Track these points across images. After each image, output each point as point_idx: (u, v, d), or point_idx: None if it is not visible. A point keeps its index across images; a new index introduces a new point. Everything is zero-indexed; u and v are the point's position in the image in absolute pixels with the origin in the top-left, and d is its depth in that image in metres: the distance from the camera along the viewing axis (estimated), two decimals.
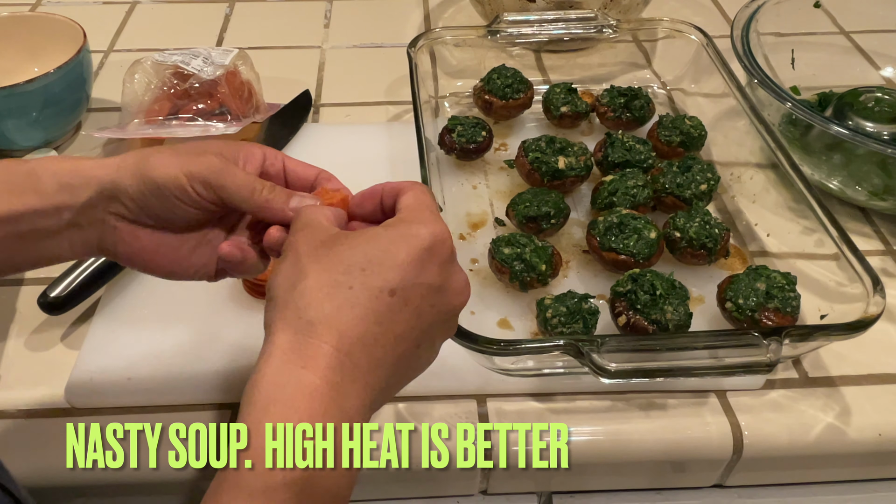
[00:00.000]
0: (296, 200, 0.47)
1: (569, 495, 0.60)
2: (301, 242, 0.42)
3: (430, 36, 0.82)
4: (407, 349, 0.40)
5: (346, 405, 0.37)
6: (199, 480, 0.55)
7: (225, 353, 0.59)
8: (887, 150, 0.66)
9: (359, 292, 0.39)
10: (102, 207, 0.45)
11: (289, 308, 0.39)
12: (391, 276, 0.39)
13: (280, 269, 0.41)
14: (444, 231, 0.42)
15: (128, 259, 0.48)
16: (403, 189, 0.45)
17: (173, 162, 0.45)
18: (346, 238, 0.41)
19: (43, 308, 0.61)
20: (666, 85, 0.89)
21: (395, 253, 0.40)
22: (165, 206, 0.45)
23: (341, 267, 0.39)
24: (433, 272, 0.40)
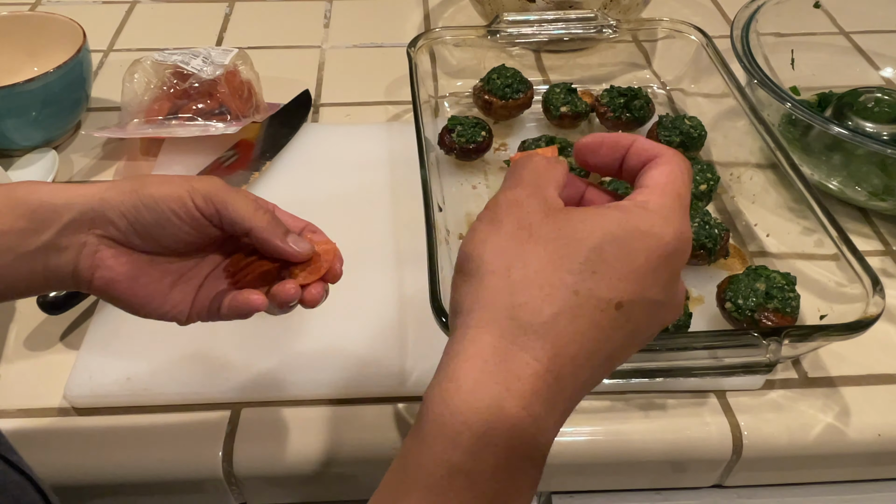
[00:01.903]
0: (292, 238, 0.46)
1: (568, 495, 0.60)
2: (530, 206, 0.35)
3: (430, 36, 0.82)
4: (612, 366, 0.35)
5: (542, 439, 0.33)
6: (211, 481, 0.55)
7: (225, 353, 0.59)
8: (887, 150, 0.66)
9: (584, 301, 0.33)
10: (86, 229, 0.44)
11: (499, 298, 0.33)
12: (623, 286, 0.33)
13: (491, 233, 0.35)
14: (689, 236, 0.35)
15: (103, 286, 0.45)
16: (658, 157, 0.37)
17: (174, 180, 0.45)
18: (578, 217, 0.34)
19: (42, 308, 0.61)
20: (666, 85, 0.89)
21: (634, 256, 0.33)
22: (159, 221, 0.44)
23: (571, 262, 0.33)
24: (662, 284, 0.34)
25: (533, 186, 0.36)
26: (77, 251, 0.44)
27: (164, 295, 0.47)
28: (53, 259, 0.44)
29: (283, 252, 0.46)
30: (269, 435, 0.55)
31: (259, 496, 0.57)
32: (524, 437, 0.32)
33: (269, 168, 0.77)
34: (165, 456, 0.54)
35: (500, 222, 0.35)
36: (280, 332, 0.61)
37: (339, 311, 0.62)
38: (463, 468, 0.31)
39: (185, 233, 0.45)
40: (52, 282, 0.45)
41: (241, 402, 0.57)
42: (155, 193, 0.44)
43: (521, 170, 0.38)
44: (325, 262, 0.47)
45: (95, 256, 0.44)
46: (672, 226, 0.34)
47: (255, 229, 0.45)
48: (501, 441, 0.31)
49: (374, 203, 0.74)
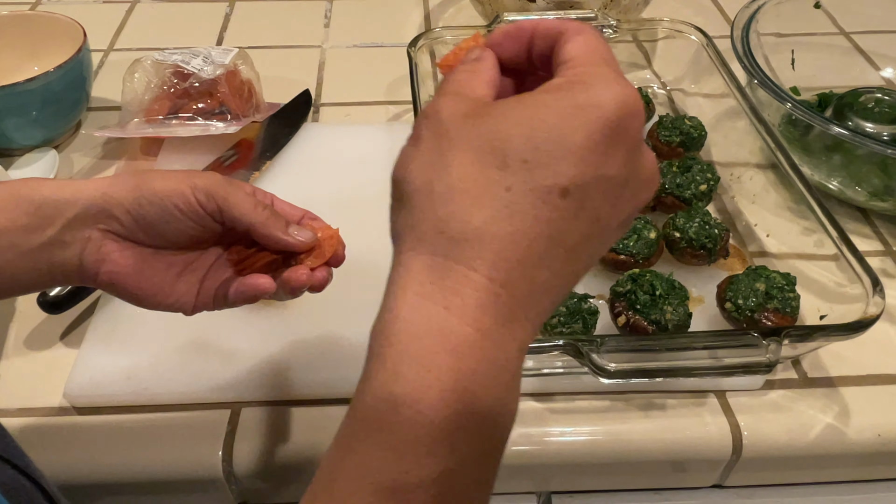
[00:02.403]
0: (293, 229, 0.46)
1: (568, 495, 0.60)
2: (445, 112, 0.32)
3: (430, 36, 0.82)
4: (578, 264, 0.31)
5: (500, 356, 0.29)
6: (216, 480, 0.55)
7: (225, 353, 0.59)
8: (887, 150, 0.66)
9: (519, 195, 0.29)
10: (91, 224, 0.44)
11: (426, 216, 0.30)
12: (563, 169, 0.29)
13: (412, 152, 0.32)
14: (633, 96, 0.31)
15: (109, 280, 0.45)
16: (566, 32, 0.33)
17: (176, 175, 0.45)
18: (500, 110, 0.31)
19: (42, 307, 0.61)
20: (666, 85, 0.89)
21: (569, 134, 0.29)
22: (162, 216, 0.44)
23: (496, 156, 0.29)
24: (619, 158, 0.30)
25: (452, 94, 0.33)
26: (82, 246, 0.44)
27: (170, 287, 0.47)
28: (58, 254, 0.44)
29: (286, 244, 0.46)
30: (269, 435, 0.55)
31: (259, 496, 0.57)
32: (475, 355, 0.29)
33: (269, 168, 0.77)
34: (165, 456, 0.54)
35: (419, 138, 0.32)
36: (280, 332, 0.61)
37: (339, 310, 0.62)
38: (408, 400, 0.28)
39: (188, 227, 0.45)
40: (57, 277, 0.45)
41: (241, 402, 0.57)
42: (158, 189, 0.44)
43: (442, 83, 0.35)
44: (328, 248, 0.48)
45: (101, 251, 0.45)
46: (610, 92, 0.30)
47: (256, 225, 0.45)
48: (447, 364, 0.28)
49: (374, 203, 0.73)
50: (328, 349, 0.60)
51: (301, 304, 0.63)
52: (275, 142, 0.80)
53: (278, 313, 0.62)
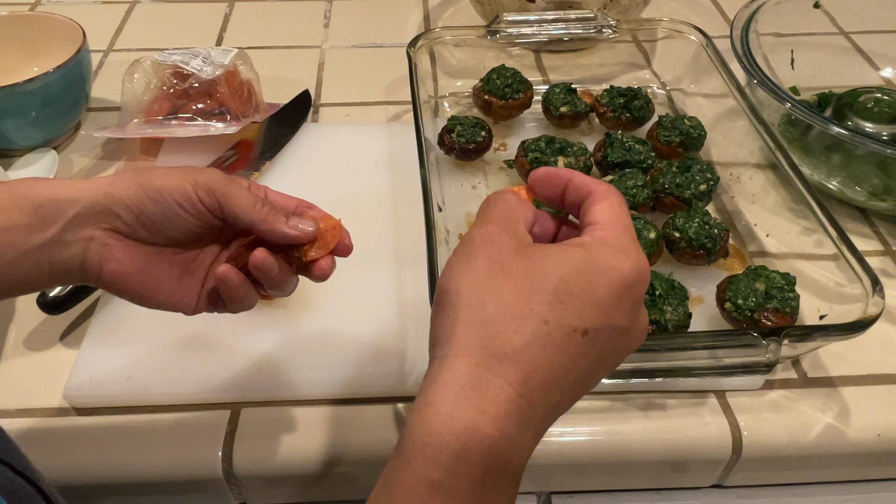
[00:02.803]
0: (294, 220, 0.47)
1: (568, 495, 0.60)
2: (502, 242, 0.38)
3: (430, 36, 0.82)
4: (581, 389, 0.38)
5: (516, 458, 0.35)
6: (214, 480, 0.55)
7: (225, 353, 0.59)
8: (886, 150, 0.66)
9: (553, 329, 0.35)
10: (93, 223, 0.44)
11: (476, 330, 0.35)
12: (588, 315, 0.36)
13: (466, 268, 0.38)
14: (646, 266, 0.38)
15: (112, 279, 0.45)
16: (596, 195, 0.40)
17: (177, 172, 0.45)
18: (547, 256, 0.37)
19: (42, 308, 0.61)
20: (665, 85, 0.89)
21: (597, 287, 0.36)
22: (165, 213, 0.44)
23: (540, 294, 0.36)
24: (625, 312, 0.37)
25: (503, 223, 0.39)
26: (84, 245, 0.45)
27: (172, 286, 0.47)
28: (59, 254, 0.44)
29: (289, 238, 0.46)
30: (269, 435, 0.55)
31: (259, 496, 0.57)
32: (498, 455, 0.34)
33: (269, 168, 0.77)
34: (165, 456, 0.54)
35: (475, 258, 0.37)
36: (280, 332, 0.61)
37: (339, 310, 0.63)
38: (442, 485, 0.33)
39: (190, 224, 0.46)
40: (59, 276, 0.45)
41: (241, 402, 0.57)
42: (160, 187, 0.44)
43: (492, 207, 0.40)
44: (331, 238, 0.48)
45: (103, 250, 0.45)
46: (630, 258, 0.37)
47: (256, 222, 0.46)
48: (477, 460, 0.33)
49: (374, 203, 0.74)
50: (328, 349, 0.60)
51: (301, 304, 0.63)
52: (274, 142, 0.80)
53: (278, 313, 0.62)
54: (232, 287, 0.46)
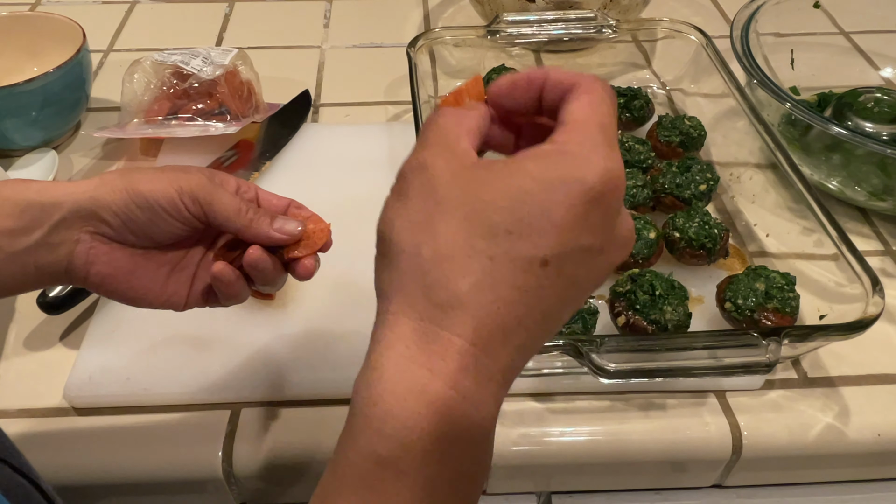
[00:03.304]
0: (279, 222, 0.47)
1: (568, 495, 0.60)
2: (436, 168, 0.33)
3: (430, 36, 0.82)
4: (553, 324, 0.33)
5: (478, 416, 0.31)
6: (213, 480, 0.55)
7: (224, 353, 0.59)
8: (886, 150, 0.66)
9: (502, 265, 0.31)
10: (79, 227, 0.44)
11: (413, 279, 0.31)
12: (544, 242, 0.31)
13: (399, 208, 0.33)
14: (618, 172, 0.32)
15: (100, 282, 0.46)
16: (576, 88, 0.34)
17: (161, 177, 0.45)
18: (488, 176, 0.32)
19: (42, 308, 0.61)
20: (665, 85, 0.89)
21: (552, 208, 0.31)
22: (152, 219, 0.45)
23: (481, 226, 0.31)
24: (596, 230, 0.32)
25: (439, 146, 0.34)
26: (70, 248, 0.44)
27: (161, 286, 0.47)
28: (45, 256, 0.44)
29: (274, 241, 0.46)
30: (269, 435, 0.55)
31: (259, 496, 0.57)
32: (455, 416, 0.30)
33: (269, 168, 0.77)
34: (165, 456, 0.54)
35: (406, 194, 0.33)
36: (280, 332, 0.61)
37: (339, 310, 0.62)
38: (390, 459, 0.30)
39: (176, 228, 0.46)
40: (45, 278, 0.45)
41: (241, 402, 0.57)
42: (146, 192, 0.44)
43: (426, 129, 0.35)
44: (318, 239, 0.48)
45: (90, 253, 0.45)
46: (594, 165, 0.31)
47: (241, 230, 0.46)
48: (429, 425, 0.30)
49: (374, 203, 0.73)
50: (328, 349, 0.60)
51: (301, 304, 0.63)
52: (274, 142, 0.80)
53: (278, 313, 0.62)
54: (228, 284, 0.47)
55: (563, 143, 0.32)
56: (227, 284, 0.47)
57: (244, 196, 0.48)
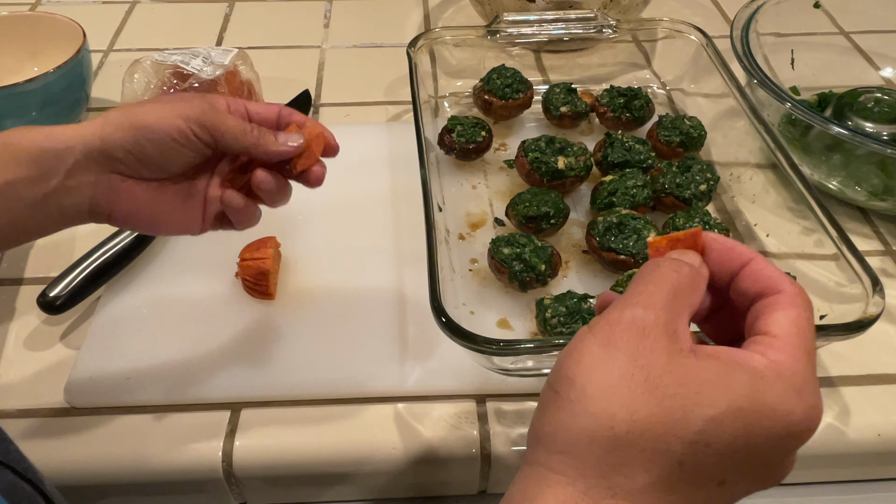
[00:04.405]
0: (283, 137, 0.49)
1: None
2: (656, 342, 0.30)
3: (430, 36, 0.82)
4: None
5: None
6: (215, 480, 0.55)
7: (224, 353, 0.59)
8: (887, 150, 0.66)
9: (687, 475, 0.29)
10: (94, 168, 0.45)
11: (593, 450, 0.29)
12: (733, 464, 0.30)
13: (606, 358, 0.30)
14: (819, 410, 0.31)
15: (123, 218, 0.48)
16: (783, 297, 0.33)
17: (165, 108, 0.46)
18: (706, 380, 0.30)
19: (42, 308, 0.61)
20: (665, 85, 0.89)
21: (754, 433, 0.29)
22: (163, 151, 0.46)
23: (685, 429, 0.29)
24: (775, 461, 0.32)
25: (666, 312, 0.31)
26: (90, 190, 0.46)
27: (179, 213, 0.49)
28: (66, 200, 0.45)
29: (283, 155, 0.49)
30: (269, 435, 0.55)
31: (259, 496, 0.57)
32: None
33: None
34: (165, 456, 0.54)
35: (616, 349, 0.30)
36: (279, 332, 0.61)
37: (339, 310, 0.62)
38: None
39: (187, 156, 0.47)
40: (69, 220, 0.47)
41: (241, 402, 0.57)
42: (154, 127, 0.45)
43: (654, 281, 0.32)
44: (317, 147, 0.50)
45: (110, 193, 0.46)
46: (804, 401, 0.30)
47: (250, 148, 0.48)
48: None
49: (374, 203, 0.74)
50: (328, 349, 0.60)
51: (301, 304, 0.63)
52: None
53: (277, 313, 0.62)
54: (237, 209, 0.49)
55: (777, 364, 0.31)
56: (237, 210, 0.49)
57: (235, 113, 0.50)
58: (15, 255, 0.69)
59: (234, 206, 0.49)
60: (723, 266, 0.35)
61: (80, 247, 0.66)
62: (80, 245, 0.68)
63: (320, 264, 0.67)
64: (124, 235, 0.64)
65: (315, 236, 0.69)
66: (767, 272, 0.33)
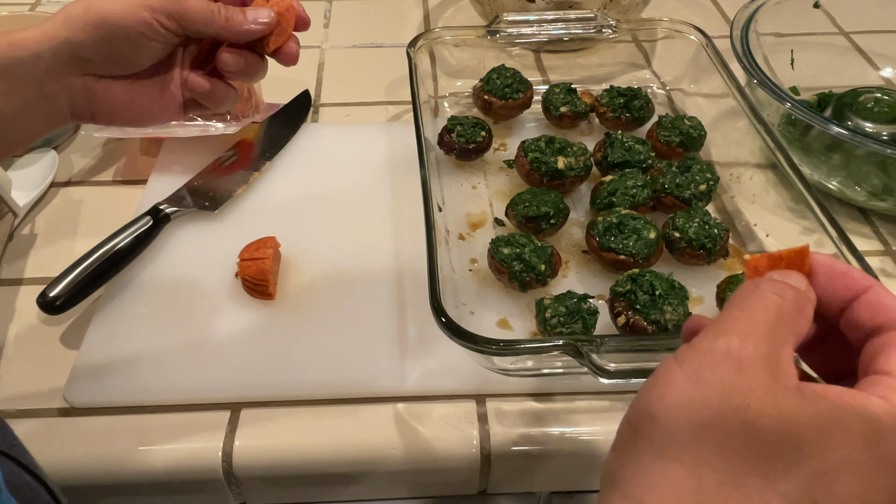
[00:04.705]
0: (252, 14, 0.48)
1: (568, 495, 0.60)
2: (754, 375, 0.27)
3: (430, 36, 0.82)
4: None
5: None
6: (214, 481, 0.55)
7: (224, 353, 0.59)
8: (886, 150, 0.66)
9: None
10: (66, 72, 0.45)
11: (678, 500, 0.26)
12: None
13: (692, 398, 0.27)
14: None
15: (106, 117, 0.48)
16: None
17: (128, 1, 0.45)
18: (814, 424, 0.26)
19: (42, 308, 0.61)
20: (665, 85, 0.89)
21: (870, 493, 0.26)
22: (131, 46, 0.45)
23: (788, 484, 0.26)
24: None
25: (766, 342, 0.28)
26: (67, 94, 0.46)
27: (158, 103, 0.49)
28: (45, 107, 0.45)
29: (254, 34, 0.48)
30: (269, 435, 0.55)
31: (259, 496, 0.57)
32: None
33: (269, 168, 0.77)
34: (165, 456, 0.54)
35: (706, 383, 0.27)
36: (279, 332, 0.61)
37: (339, 310, 0.63)
38: None
39: (156, 48, 0.47)
40: (53, 125, 0.47)
41: (241, 402, 0.57)
42: (119, 21, 0.44)
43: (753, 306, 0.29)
44: (288, 22, 0.49)
45: (87, 94, 0.46)
46: None
47: (220, 31, 0.47)
48: None
49: (373, 203, 0.74)
50: (328, 349, 0.60)
51: (301, 304, 0.63)
52: (274, 142, 0.80)
53: (278, 313, 0.62)
54: (203, 92, 0.49)
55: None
56: (204, 94, 0.49)
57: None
58: (15, 255, 0.69)
59: (199, 91, 0.49)
60: (834, 293, 0.31)
61: (80, 247, 0.66)
62: (80, 245, 0.68)
63: (320, 264, 0.67)
64: (124, 235, 0.64)
65: (315, 236, 0.70)
66: (890, 304, 0.30)
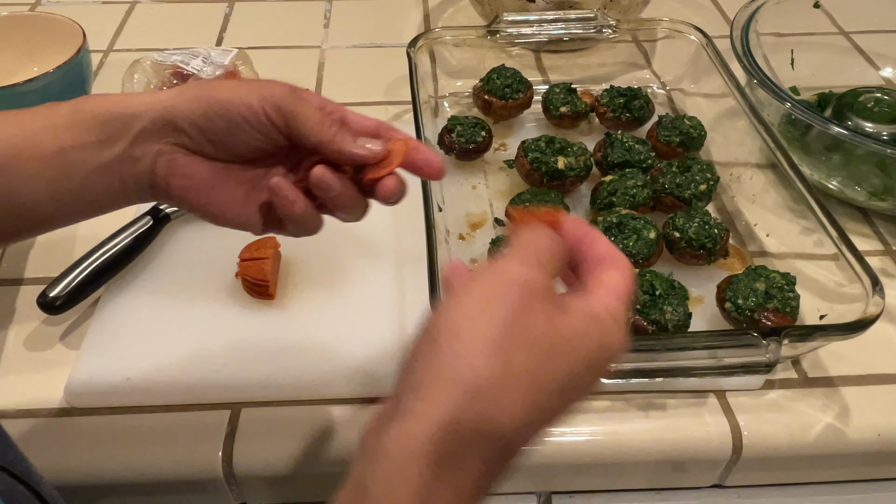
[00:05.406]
0: (362, 141, 0.45)
1: (568, 495, 0.60)
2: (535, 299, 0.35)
3: (430, 36, 0.82)
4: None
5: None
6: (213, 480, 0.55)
7: (224, 353, 0.59)
8: (886, 150, 0.66)
9: (544, 413, 0.35)
10: (158, 138, 0.44)
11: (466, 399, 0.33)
12: (574, 397, 0.36)
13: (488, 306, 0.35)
14: (627, 344, 0.38)
15: (181, 195, 0.46)
16: (609, 262, 0.39)
17: (242, 86, 0.45)
18: (568, 337, 0.35)
19: (42, 308, 0.61)
20: (665, 85, 0.89)
21: (596, 371, 0.36)
22: (230, 128, 0.44)
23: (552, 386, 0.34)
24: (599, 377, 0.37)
25: (550, 277, 0.37)
26: (152, 160, 0.44)
27: (240, 204, 0.47)
28: (128, 170, 0.44)
29: (355, 157, 0.45)
30: (269, 435, 0.55)
31: (259, 496, 0.57)
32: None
33: None
34: (165, 456, 0.54)
35: (499, 299, 0.35)
36: (280, 332, 0.61)
37: (339, 310, 0.62)
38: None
39: (256, 140, 0.45)
40: (130, 193, 0.45)
41: (241, 402, 0.57)
42: (225, 100, 0.44)
43: (531, 244, 0.38)
44: (395, 157, 0.46)
45: (171, 165, 0.45)
46: (622, 336, 0.37)
47: (324, 142, 0.44)
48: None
49: (373, 203, 0.73)
50: (328, 349, 0.60)
51: (301, 304, 0.63)
52: None
53: (278, 313, 0.62)
54: (285, 201, 0.45)
55: (614, 312, 0.37)
56: (285, 202, 0.45)
57: (328, 113, 0.46)
58: (15, 256, 0.69)
59: (279, 195, 0.45)
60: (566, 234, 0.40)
61: (80, 247, 0.66)
62: (80, 245, 0.68)
63: (320, 264, 0.67)
64: (124, 235, 0.64)
65: (315, 236, 0.69)
66: (601, 247, 0.40)
